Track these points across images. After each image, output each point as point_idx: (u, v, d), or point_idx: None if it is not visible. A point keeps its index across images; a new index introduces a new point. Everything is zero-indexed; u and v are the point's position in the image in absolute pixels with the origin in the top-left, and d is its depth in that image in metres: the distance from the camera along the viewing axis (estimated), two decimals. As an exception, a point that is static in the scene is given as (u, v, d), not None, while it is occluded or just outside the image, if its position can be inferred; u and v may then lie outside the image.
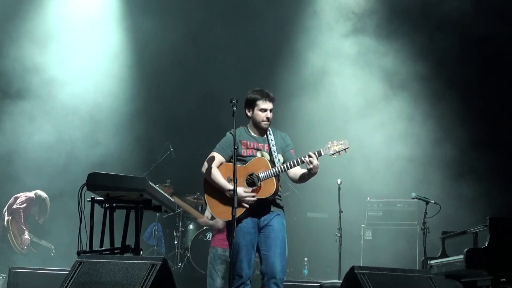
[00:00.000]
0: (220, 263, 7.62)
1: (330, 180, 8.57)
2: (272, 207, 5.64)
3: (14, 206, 9.32)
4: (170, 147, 10.11)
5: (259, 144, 5.70)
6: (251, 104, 5.72)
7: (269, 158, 5.66)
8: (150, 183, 5.17)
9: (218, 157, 5.66)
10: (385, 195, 9.65)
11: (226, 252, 7.30)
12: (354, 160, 9.80)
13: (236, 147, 5.49)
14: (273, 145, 5.71)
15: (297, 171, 5.70)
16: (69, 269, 4.44)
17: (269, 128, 5.78)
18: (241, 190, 5.50)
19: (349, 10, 10.51)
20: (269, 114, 5.70)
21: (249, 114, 5.75)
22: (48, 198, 9.67)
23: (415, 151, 9.88)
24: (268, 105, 5.70)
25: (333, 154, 5.58)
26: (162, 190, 5.74)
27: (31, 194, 9.53)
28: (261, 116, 5.68)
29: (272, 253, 5.49)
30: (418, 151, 9.88)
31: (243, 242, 5.48)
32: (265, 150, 5.71)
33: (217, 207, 5.63)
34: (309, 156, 5.46)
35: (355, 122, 10.13)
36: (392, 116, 10.11)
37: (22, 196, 9.45)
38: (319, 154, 5.52)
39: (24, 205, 9.35)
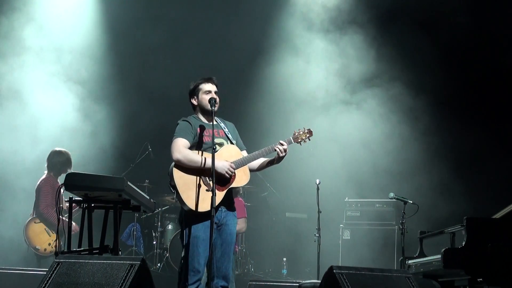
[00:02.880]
0: None
1: (308, 180, 8.59)
2: (231, 202, 5.54)
3: (40, 209, 7.89)
4: (149, 146, 10.05)
5: (214, 130, 5.43)
6: (194, 90, 5.61)
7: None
8: (129, 183, 5.14)
9: (185, 141, 5.37)
10: (364, 195, 9.70)
11: None
12: (332, 160, 9.83)
13: (195, 133, 5.41)
14: (227, 132, 5.62)
15: (259, 159, 5.64)
16: (47, 269, 4.41)
17: (216, 118, 5.64)
18: (224, 161, 5.36)
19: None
20: (214, 95, 5.56)
21: (195, 102, 5.62)
22: (61, 151, 8.21)
23: (394, 150, 9.94)
24: (211, 87, 5.59)
25: (299, 142, 5.69)
26: None
27: (44, 175, 8.16)
28: (205, 98, 5.54)
29: (226, 260, 5.43)
30: (397, 150, 9.94)
31: (203, 236, 5.30)
32: (221, 135, 5.58)
33: (191, 198, 5.26)
34: (281, 144, 5.50)
35: (331, 119, 10.14)
36: (371, 115, 10.18)
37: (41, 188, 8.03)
38: (289, 142, 5.60)
39: (46, 195, 7.90)
